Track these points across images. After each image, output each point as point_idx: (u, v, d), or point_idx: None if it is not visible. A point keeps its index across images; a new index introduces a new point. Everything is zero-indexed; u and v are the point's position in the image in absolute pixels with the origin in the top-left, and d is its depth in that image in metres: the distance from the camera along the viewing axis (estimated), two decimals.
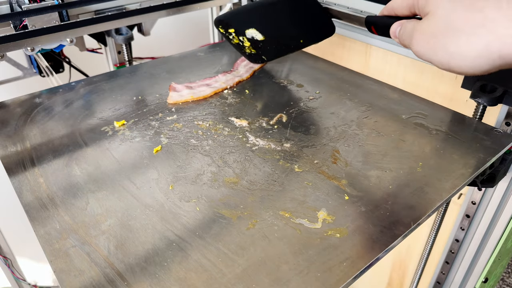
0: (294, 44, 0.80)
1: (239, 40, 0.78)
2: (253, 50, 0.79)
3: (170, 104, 0.73)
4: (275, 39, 0.78)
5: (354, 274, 0.41)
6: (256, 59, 0.81)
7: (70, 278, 0.41)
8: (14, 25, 0.74)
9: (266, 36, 0.77)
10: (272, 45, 0.79)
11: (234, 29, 0.77)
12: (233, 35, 0.78)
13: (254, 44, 0.78)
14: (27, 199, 0.52)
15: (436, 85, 0.78)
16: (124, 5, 0.88)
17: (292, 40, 0.79)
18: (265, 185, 0.54)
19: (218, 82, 0.80)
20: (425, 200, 0.51)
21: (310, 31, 0.80)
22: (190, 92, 0.76)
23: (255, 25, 0.76)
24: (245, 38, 0.77)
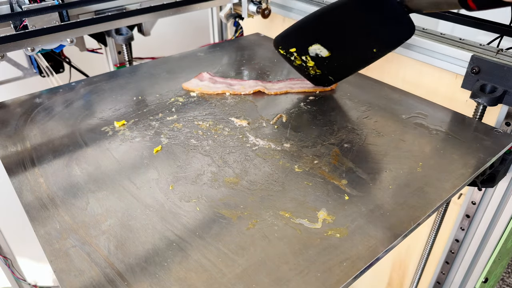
0: (366, 55, 0.67)
1: (301, 60, 0.69)
2: (318, 70, 0.69)
3: (183, 88, 0.76)
4: (342, 53, 0.67)
5: (354, 274, 0.41)
6: (321, 81, 0.71)
7: (70, 278, 0.41)
8: (14, 25, 0.74)
9: (332, 51, 0.67)
10: (340, 60, 0.68)
11: (295, 48, 0.68)
12: (294, 55, 0.69)
13: (319, 63, 0.69)
14: (27, 199, 0.52)
15: (436, 85, 0.78)
16: (124, 5, 0.88)
17: (362, 51, 0.67)
18: (265, 185, 0.54)
19: (241, 86, 0.77)
20: (425, 200, 0.51)
21: (385, 35, 0.65)
22: (205, 84, 0.75)
23: (319, 40, 0.66)
24: (309, 57, 0.69)
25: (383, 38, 0.65)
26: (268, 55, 0.93)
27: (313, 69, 0.69)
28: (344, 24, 0.65)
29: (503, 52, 0.68)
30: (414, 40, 0.76)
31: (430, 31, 0.77)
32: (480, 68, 0.68)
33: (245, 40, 1.02)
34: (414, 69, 0.80)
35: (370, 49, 0.65)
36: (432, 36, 0.76)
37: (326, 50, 0.66)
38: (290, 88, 0.75)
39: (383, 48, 0.65)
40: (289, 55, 0.70)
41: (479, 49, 0.70)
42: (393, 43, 0.65)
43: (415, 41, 0.76)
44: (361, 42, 0.65)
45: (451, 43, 0.73)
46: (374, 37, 0.64)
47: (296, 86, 0.76)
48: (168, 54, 0.93)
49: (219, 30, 1.19)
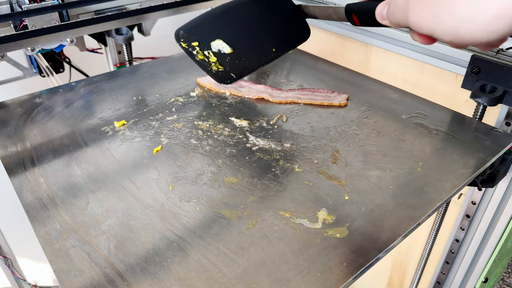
0: (266, 55, 0.69)
1: (204, 55, 0.68)
2: (220, 66, 0.69)
3: (197, 82, 0.79)
4: (244, 51, 0.68)
5: (354, 274, 0.41)
6: (223, 78, 0.71)
7: (70, 278, 0.41)
8: (14, 25, 0.74)
9: (234, 48, 0.67)
10: (242, 58, 0.68)
11: (198, 42, 0.67)
12: (197, 50, 0.67)
13: (221, 59, 0.68)
14: (27, 199, 0.52)
15: (436, 85, 0.78)
16: (124, 5, 0.88)
17: (263, 50, 0.69)
18: (265, 185, 0.54)
19: (248, 89, 0.76)
20: (425, 200, 0.51)
21: (284, 37, 0.68)
22: (215, 82, 0.76)
23: (221, 36, 0.66)
24: (211, 53, 0.67)
25: (282, 39, 0.69)
26: None
27: (215, 65, 0.69)
28: (247, 22, 0.66)
29: (503, 52, 0.68)
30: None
31: None
32: (480, 68, 0.68)
33: None
34: (414, 69, 0.80)
35: (270, 49, 0.68)
36: None
37: (229, 47, 0.66)
38: (298, 98, 0.73)
39: (281, 48, 0.70)
40: (191, 49, 0.68)
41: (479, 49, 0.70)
42: (291, 44, 0.70)
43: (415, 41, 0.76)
44: (262, 41, 0.68)
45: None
46: (274, 37, 0.68)
47: (304, 97, 0.74)
48: (168, 54, 0.93)
49: None
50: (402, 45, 0.79)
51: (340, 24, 0.88)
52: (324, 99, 0.73)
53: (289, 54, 0.94)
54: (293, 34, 0.69)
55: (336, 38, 0.92)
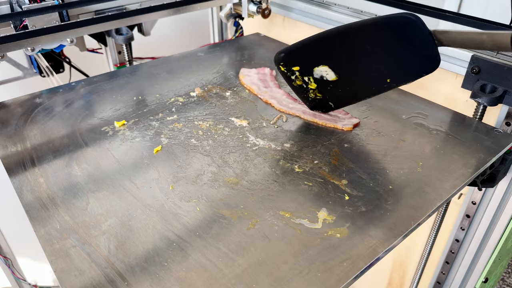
0: (377, 85, 0.59)
1: (303, 81, 0.63)
2: (319, 94, 0.63)
3: (240, 77, 0.79)
4: (351, 80, 0.61)
5: (354, 274, 0.41)
6: (318, 106, 0.65)
7: (71, 278, 0.41)
8: (14, 25, 0.74)
9: (339, 76, 0.60)
10: (346, 87, 0.61)
11: (299, 67, 0.62)
12: (296, 75, 0.63)
13: (322, 86, 0.62)
14: (28, 199, 0.52)
15: (436, 85, 0.78)
16: (124, 5, 0.88)
17: (375, 80, 0.59)
18: (265, 185, 0.54)
19: (270, 96, 0.74)
20: (425, 200, 0.51)
21: (404, 66, 0.57)
22: (254, 82, 0.74)
23: (327, 61, 0.59)
24: (312, 79, 0.62)
25: (403, 69, 0.57)
26: (268, 55, 0.93)
27: (313, 92, 0.63)
28: (362, 47, 0.57)
29: (503, 52, 0.68)
30: None
31: None
32: (480, 68, 0.68)
33: (245, 40, 1.02)
34: None
35: (384, 79, 0.58)
36: None
37: (334, 74, 0.60)
38: (302, 113, 0.69)
39: (398, 79, 0.58)
40: (290, 74, 0.64)
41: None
42: (412, 76, 0.57)
43: None
44: (376, 69, 0.58)
45: None
46: (392, 66, 0.57)
47: (308, 113, 0.69)
48: (168, 54, 0.93)
49: (219, 30, 1.19)
50: None
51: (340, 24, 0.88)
52: (329, 120, 0.67)
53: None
54: (417, 63, 0.56)
55: None
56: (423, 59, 0.55)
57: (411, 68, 0.57)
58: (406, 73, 0.57)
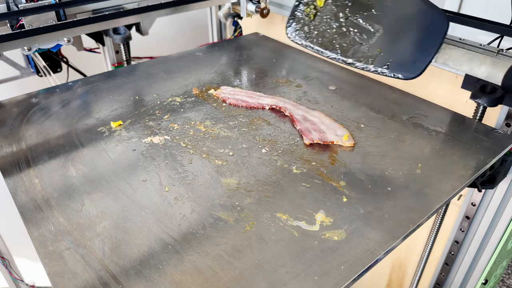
0: (368, 51, 0.58)
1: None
2: (313, 16, 0.59)
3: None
4: (355, 30, 0.58)
5: (352, 278, 0.41)
6: (298, 28, 0.61)
7: (64, 281, 0.41)
8: (10, 25, 0.73)
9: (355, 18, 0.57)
10: (345, 34, 0.58)
11: None
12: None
13: (321, 14, 0.59)
14: (22, 200, 0.51)
15: (436, 85, 0.78)
16: (121, 5, 0.87)
17: (367, 48, 0.58)
18: (262, 186, 0.53)
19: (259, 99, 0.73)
20: (425, 202, 0.50)
21: (398, 53, 0.56)
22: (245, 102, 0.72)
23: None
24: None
25: (394, 55, 0.56)
26: (267, 54, 0.92)
27: (313, 12, 0.61)
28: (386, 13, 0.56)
29: (503, 52, 0.67)
30: None
31: None
32: None
33: (243, 40, 1.01)
34: None
35: (375, 48, 0.57)
36: None
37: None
38: (285, 109, 0.69)
39: (385, 58, 0.56)
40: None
41: (479, 49, 0.70)
42: (391, 67, 0.56)
43: None
44: (377, 38, 0.56)
45: (451, 43, 0.72)
46: (391, 45, 0.56)
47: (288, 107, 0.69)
48: (166, 54, 0.93)
49: (218, 29, 1.18)
50: None
51: None
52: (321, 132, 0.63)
53: (289, 53, 0.93)
54: (406, 61, 0.54)
55: None
56: (412, 62, 0.55)
57: (399, 62, 0.56)
58: (393, 61, 0.57)
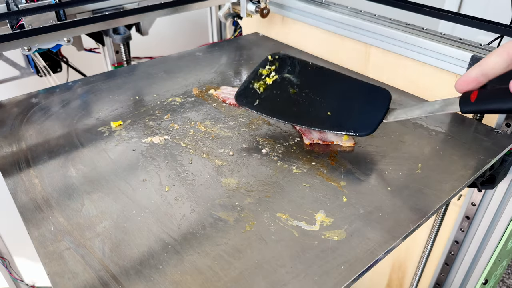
0: (316, 117, 0.60)
1: (266, 75, 0.66)
2: (262, 90, 0.65)
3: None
4: (300, 102, 0.62)
5: (352, 278, 0.41)
6: (247, 97, 0.65)
7: (64, 281, 0.41)
8: (10, 25, 0.73)
9: (296, 93, 0.63)
10: (290, 105, 0.62)
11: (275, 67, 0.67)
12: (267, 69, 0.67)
13: (272, 88, 0.65)
14: (22, 200, 0.51)
15: (436, 85, 0.78)
16: (121, 5, 0.87)
17: (318, 111, 0.61)
18: (262, 186, 0.53)
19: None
20: (425, 202, 0.50)
21: (347, 115, 0.59)
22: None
23: (294, 77, 0.65)
24: (274, 78, 0.66)
25: (345, 117, 0.59)
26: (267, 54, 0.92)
27: (263, 86, 0.66)
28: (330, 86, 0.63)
29: None
30: (414, 40, 0.76)
31: (430, 31, 0.76)
32: None
33: (243, 40, 1.01)
34: (414, 69, 0.80)
35: (325, 112, 0.60)
36: (432, 36, 0.75)
37: (292, 89, 0.64)
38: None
39: (336, 121, 0.59)
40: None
41: (479, 49, 0.70)
42: (347, 127, 0.58)
43: (415, 41, 0.76)
44: (325, 105, 0.61)
45: (451, 43, 0.72)
46: (339, 108, 0.60)
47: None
48: (166, 54, 0.93)
49: (218, 29, 1.18)
50: (402, 45, 0.78)
51: (339, 24, 0.88)
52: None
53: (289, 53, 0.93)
54: (358, 121, 0.58)
55: (335, 38, 0.91)
56: (363, 122, 0.57)
57: (351, 121, 0.58)
58: (344, 121, 0.59)
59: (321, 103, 0.61)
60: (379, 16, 0.83)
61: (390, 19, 0.81)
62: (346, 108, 0.60)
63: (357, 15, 0.86)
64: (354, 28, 0.86)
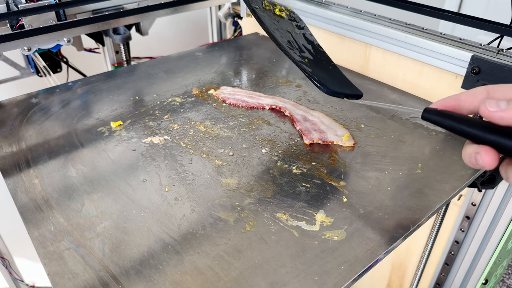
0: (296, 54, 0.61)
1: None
2: (281, 14, 0.68)
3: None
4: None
5: (352, 278, 0.41)
6: (258, 14, 0.64)
7: (64, 281, 0.41)
8: (10, 25, 0.73)
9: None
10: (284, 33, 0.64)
11: None
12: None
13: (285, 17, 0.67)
14: (22, 200, 0.51)
15: (436, 85, 0.78)
16: (121, 5, 0.87)
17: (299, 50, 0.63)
18: (262, 186, 0.53)
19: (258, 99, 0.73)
20: (425, 202, 0.50)
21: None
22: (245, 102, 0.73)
23: None
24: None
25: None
26: (266, 55, 0.92)
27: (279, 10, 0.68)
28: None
29: (503, 52, 0.67)
30: (414, 40, 0.76)
31: (430, 31, 0.76)
32: (480, 68, 0.67)
33: (243, 40, 1.01)
34: (414, 69, 0.80)
35: (305, 58, 0.62)
36: (432, 36, 0.75)
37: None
38: (285, 109, 0.69)
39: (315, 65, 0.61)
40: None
41: (479, 49, 0.69)
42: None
43: (415, 41, 0.76)
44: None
45: (451, 43, 0.72)
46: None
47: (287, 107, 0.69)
48: (166, 54, 0.93)
49: (218, 29, 1.18)
50: (402, 45, 0.78)
51: (339, 24, 0.88)
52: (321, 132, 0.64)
53: None
54: (325, 78, 0.59)
55: (335, 38, 0.91)
56: (331, 83, 0.58)
57: (322, 75, 0.59)
58: (317, 71, 0.60)
59: (305, 52, 0.64)
60: (379, 16, 0.83)
61: (390, 19, 0.81)
62: (323, 68, 0.62)
63: (357, 15, 0.86)
64: (354, 28, 0.86)
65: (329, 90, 0.56)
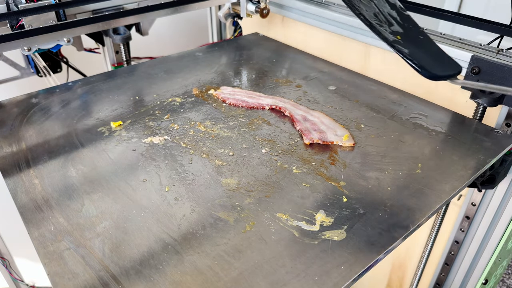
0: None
1: None
2: None
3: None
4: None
5: (352, 278, 0.41)
6: None
7: (64, 281, 0.41)
8: (10, 25, 0.73)
9: None
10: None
11: None
12: None
13: None
14: (22, 200, 0.51)
15: (436, 85, 0.78)
16: (121, 5, 0.87)
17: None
18: (262, 186, 0.53)
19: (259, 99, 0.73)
20: (425, 202, 0.50)
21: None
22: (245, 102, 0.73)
23: None
24: None
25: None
26: (267, 54, 0.92)
27: None
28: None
29: (503, 52, 0.67)
30: None
31: (430, 31, 0.76)
32: (480, 68, 0.67)
33: (243, 40, 1.01)
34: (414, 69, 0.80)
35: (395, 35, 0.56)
36: (432, 36, 0.75)
37: None
38: (285, 109, 0.69)
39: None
40: None
41: (479, 49, 0.70)
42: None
43: None
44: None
45: (451, 43, 0.72)
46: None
47: (288, 106, 0.70)
48: (166, 54, 0.93)
49: (218, 29, 1.18)
50: None
51: (339, 24, 0.88)
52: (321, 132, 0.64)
53: (289, 53, 0.93)
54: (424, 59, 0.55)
55: (335, 38, 0.91)
56: (431, 63, 0.55)
57: (420, 55, 0.56)
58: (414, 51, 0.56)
59: (394, 24, 0.57)
60: None
61: None
62: (416, 42, 0.57)
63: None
64: (354, 28, 0.86)
65: (431, 74, 0.52)
